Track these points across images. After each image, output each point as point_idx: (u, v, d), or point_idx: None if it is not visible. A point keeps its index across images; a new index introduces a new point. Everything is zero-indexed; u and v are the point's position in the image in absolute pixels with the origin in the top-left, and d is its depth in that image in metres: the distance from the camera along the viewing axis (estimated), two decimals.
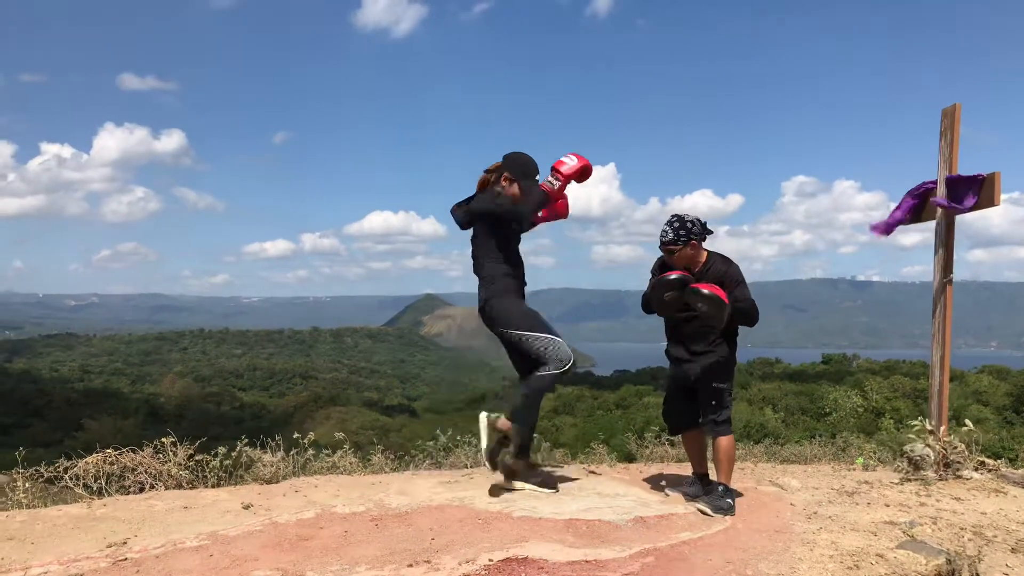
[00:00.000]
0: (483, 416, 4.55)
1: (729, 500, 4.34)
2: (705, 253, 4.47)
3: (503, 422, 4.56)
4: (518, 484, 4.67)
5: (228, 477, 5.20)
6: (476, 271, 4.73)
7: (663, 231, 4.44)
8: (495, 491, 4.58)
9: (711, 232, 4.46)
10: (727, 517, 4.21)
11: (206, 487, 4.93)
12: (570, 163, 4.52)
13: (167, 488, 4.78)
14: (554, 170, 4.54)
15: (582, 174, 4.59)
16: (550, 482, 4.76)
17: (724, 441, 4.40)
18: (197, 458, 5.11)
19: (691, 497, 4.58)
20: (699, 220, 4.45)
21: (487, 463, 4.61)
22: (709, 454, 4.72)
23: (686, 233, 4.37)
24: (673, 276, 4.35)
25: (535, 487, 4.66)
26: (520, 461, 4.65)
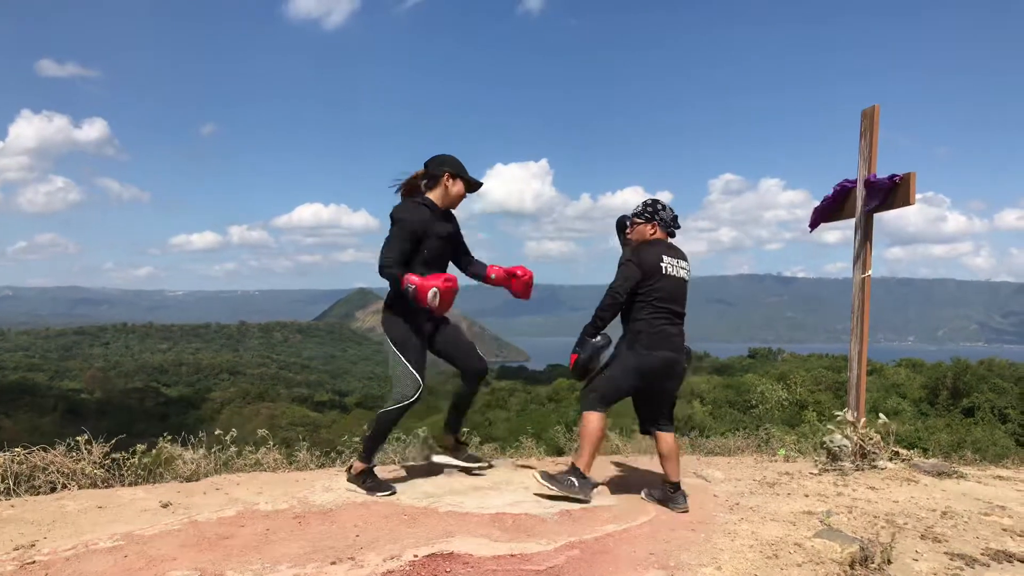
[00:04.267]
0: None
1: (572, 479, 4.28)
2: (656, 241, 4.48)
3: (356, 466, 4.63)
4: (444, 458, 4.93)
5: (147, 475, 5.05)
6: None
7: (636, 205, 4.58)
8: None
9: (678, 227, 4.57)
10: (575, 498, 4.26)
11: (123, 486, 4.77)
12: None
13: (81, 488, 4.60)
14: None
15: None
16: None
17: (583, 417, 4.39)
18: (114, 456, 4.94)
19: (654, 499, 4.50)
20: (672, 211, 4.55)
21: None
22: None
23: (652, 213, 4.50)
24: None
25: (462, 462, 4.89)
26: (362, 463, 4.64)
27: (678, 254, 4.46)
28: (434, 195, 4.63)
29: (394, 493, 4.48)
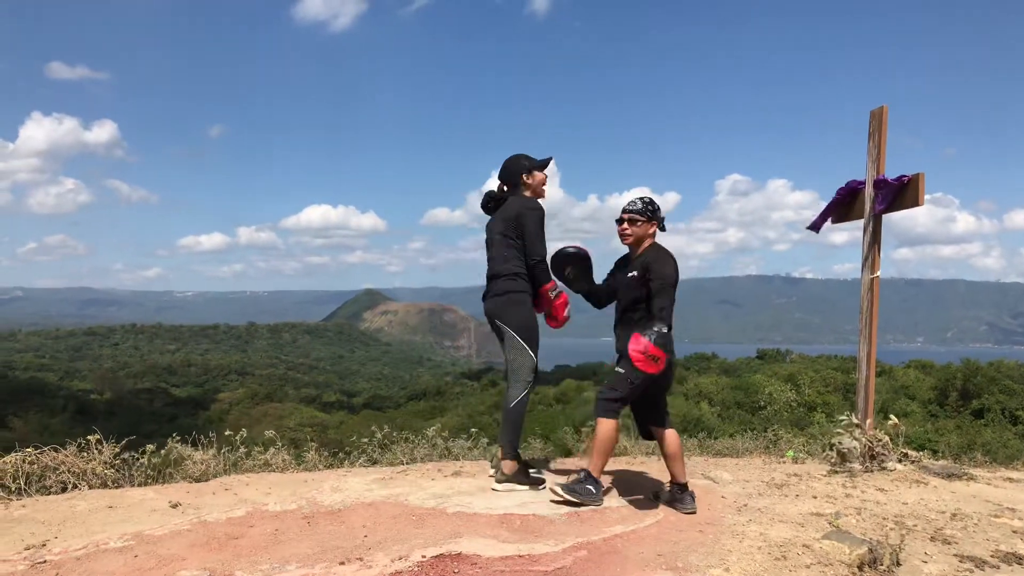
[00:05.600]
0: (496, 483, 4.69)
1: (589, 487, 4.28)
2: (652, 241, 4.49)
3: (506, 466, 4.68)
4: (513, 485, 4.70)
5: (157, 476, 5.07)
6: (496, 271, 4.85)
7: (632, 201, 4.49)
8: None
9: (664, 229, 4.54)
10: (593, 505, 4.22)
11: (133, 486, 4.80)
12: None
13: (91, 488, 4.63)
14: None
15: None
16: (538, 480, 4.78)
17: (601, 424, 4.34)
18: (124, 456, 4.97)
19: (661, 500, 4.49)
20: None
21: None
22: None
23: (653, 211, 4.45)
24: (571, 249, 4.74)
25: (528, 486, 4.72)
26: (514, 463, 4.73)
27: None
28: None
29: (544, 483, 4.61)
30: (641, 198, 4.51)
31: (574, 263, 4.85)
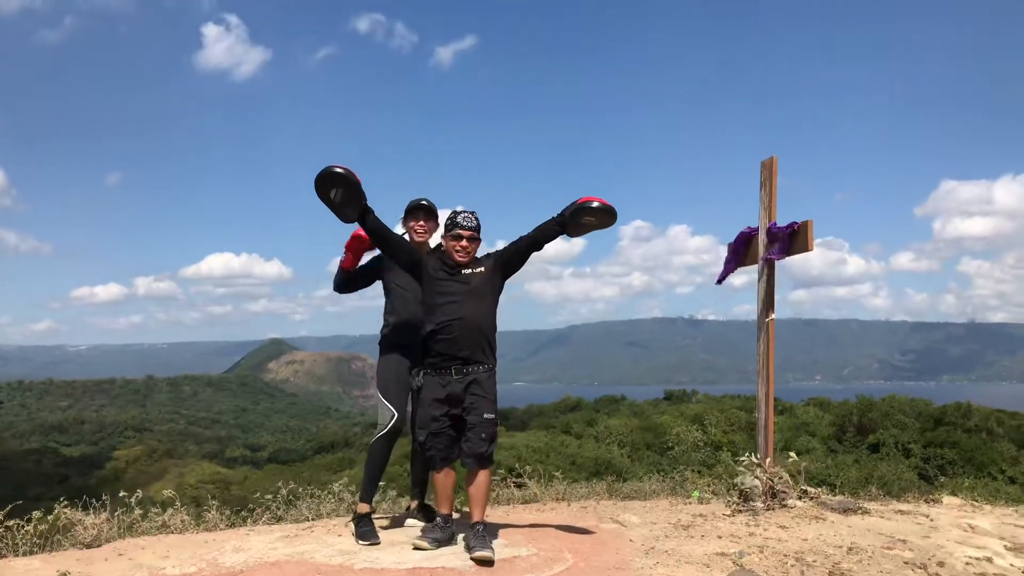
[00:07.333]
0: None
1: (488, 536, 4.35)
2: None
3: (359, 507, 4.72)
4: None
5: (44, 543, 4.78)
6: None
7: (466, 216, 4.51)
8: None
9: None
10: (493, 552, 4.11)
11: (17, 556, 4.51)
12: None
13: None
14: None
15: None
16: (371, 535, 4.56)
17: (485, 475, 4.42)
18: (8, 524, 4.68)
19: (440, 543, 4.35)
20: None
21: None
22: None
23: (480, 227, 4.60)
24: (339, 169, 4.28)
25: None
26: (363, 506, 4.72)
27: None
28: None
29: (377, 544, 4.44)
30: (473, 213, 4.56)
31: (341, 185, 4.31)
